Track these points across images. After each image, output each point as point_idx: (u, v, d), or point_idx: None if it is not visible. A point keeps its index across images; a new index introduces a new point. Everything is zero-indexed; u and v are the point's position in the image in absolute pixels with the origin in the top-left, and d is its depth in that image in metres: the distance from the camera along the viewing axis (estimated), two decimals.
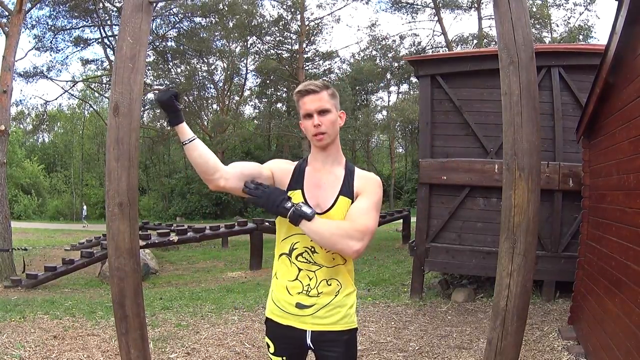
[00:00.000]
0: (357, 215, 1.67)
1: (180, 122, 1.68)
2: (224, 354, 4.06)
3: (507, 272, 1.87)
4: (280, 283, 1.78)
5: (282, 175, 1.78)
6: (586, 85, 4.69)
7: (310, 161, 1.82)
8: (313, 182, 1.77)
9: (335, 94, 1.79)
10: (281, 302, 1.76)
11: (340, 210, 1.72)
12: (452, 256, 6.11)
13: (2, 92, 9.56)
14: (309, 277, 1.72)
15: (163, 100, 1.65)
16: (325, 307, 1.72)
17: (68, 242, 15.69)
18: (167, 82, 27.73)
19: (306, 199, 1.73)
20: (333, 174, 1.78)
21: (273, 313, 1.81)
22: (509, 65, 1.85)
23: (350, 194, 1.74)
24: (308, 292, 1.72)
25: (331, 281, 1.73)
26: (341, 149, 1.85)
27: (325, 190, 1.75)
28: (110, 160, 1.96)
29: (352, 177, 1.78)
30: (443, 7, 24.69)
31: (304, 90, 1.73)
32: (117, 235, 1.97)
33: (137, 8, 2.00)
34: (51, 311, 5.48)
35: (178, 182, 31.09)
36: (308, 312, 1.72)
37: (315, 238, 1.63)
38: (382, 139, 37.29)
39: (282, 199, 1.63)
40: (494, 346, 1.91)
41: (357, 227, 1.63)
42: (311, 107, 1.71)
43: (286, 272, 1.76)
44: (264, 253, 11.15)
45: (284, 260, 1.77)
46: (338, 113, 1.78)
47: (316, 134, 1.72)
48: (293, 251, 1.74)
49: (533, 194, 1.84)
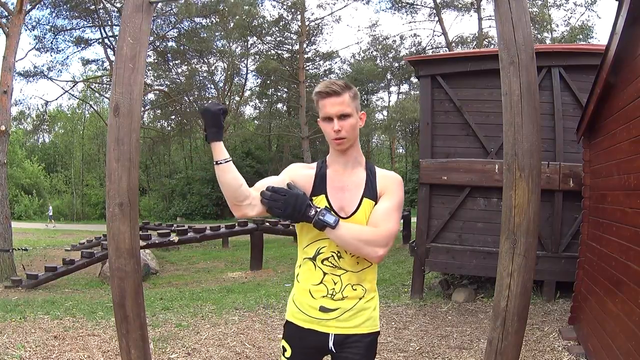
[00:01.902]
0: (380, 220, 1.66)
1: (219, 140, 1.61)
2: (224, 354, 4.06)
3: (508, 273, 1.87)
4: (302, 287, 1.75)
5: (303, 183, 1.73)
6: (586, 86, 4.69)
7: (331, 163, 1.78)
8: (336, 185, 1.73)
9: (357, 94, 1.73)
10: (304, 306, 1.74)
11: (364, 213, 1.70)
12: (453, 256, 6.11)
13: (3, 92, 9.57)
14: (333, 281, 1.70)
15: (211, 112, 1.58)
16: (349, 311, 1.70)
17: (68, 242, 15.70)
18: (168, 83, 27.76)
19: (330, 203, 1.70)
20: (355, 176, 1.75)
21: (294, 316, 1.77)
22: (510, 65, 1.85)
23: (373, 196, 1.72)
24: (332, 296, 1.70)
25: (356, 286, 1.71)
26: (360, 149, 1.80)
27: (349, 193, 1.72)
28: (111, 160, 1.96)
29: (374, 177, 1.75)
30: (443, 7, 24.68)
31: (325, 91, 1.66)
32: (117, 236, 1.97)
33: (137, 8, 1.99)
34: (52, 311, 5.49)
35: (178, 183, 31.10)
36: (332, 316, 1.70)
37: (340, 244, 1.63)
38: (383, 139, 37.30)
39: (304, 206, 1.58)
40: (494, 346, 1.91)
41: (381, 232, 1.63)
42: (331, 110, 1.65)
43: (310, 276, 1.73)
44: (265, 253, 11.16)
45: (308, 265, 1.74)
46: (359, 115, 1.73)
47: (336, 139, 1.67)
48: (318, 255, 1.71)
49: (533, 194, 1.84)
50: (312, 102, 9.74)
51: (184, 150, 34.83)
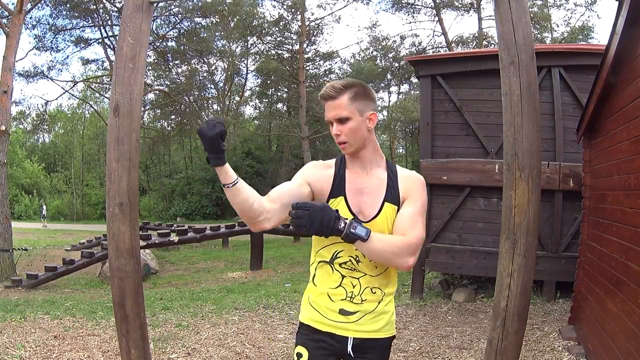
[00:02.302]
0: (408, 227, 1.59)
1: (222, 165, 1.45)
2: (224, 354, 4.06)
3: (508, 273, 1.87)
4: (319, 290, 1.69)
5: (321, 185, 1.65)
6: (587, 86, 4.69)
7: (349, 164, 1.70)
8: (355, 187, 1.65)
9: (360, 93, 1.60)
10: (322, 309, 1.67)
11: (386, 218, 1.63)
12: (453, 256, 6.11)
13: (3, 92, 9.57)
14: (352, 284, 1.64)
15: (207, 137, 1.40)
16: (369, 314, 1.66)
17: (68, 242, 15.70)
18: (168, 83, 27.75)
19: (349, 205, 1.63)
20: (375, 177, 1.67)
21: (312, 319, 1.69)
22: (510, 65, 1.85)
23: (396, 200, 1.65)
24: (352, 299, 1.65)
25: (375, 289, 1.66)
26: (379, 148, 1.72)
27: (369, 197, 1.64)
28: (111, 160, 1.96)
29: (395, 179, 1.67)
30: (443, 7, 24.68)
31: (322, 95, 1.61)
32: (117, 236, 1.97)
33: (137, 8, 2.00)
34: (52, 311, 5.49)
35: (179, 183, 31.09)
36: (352, 319, 1.65)
37: (370, 256, 1.57)
38: (383, 139, 37.30)
39: (332, 220, 1.45)
40: (494, 346, 1.91)
41: (410, 240, 1.56)
42: (329, 115, 1.61)
43: (327, 279, 1.67)
44: (265, 253, 11.16)
45: (325, 267, 1.68)
46: (366, 115, 1.62)
47: (339, 143, 1.62)
48: (336, 259, 1.65)
49: (533, 194, 1.84)
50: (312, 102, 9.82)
51: (184, 150, 34.82)
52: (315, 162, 1.75)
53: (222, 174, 1.47)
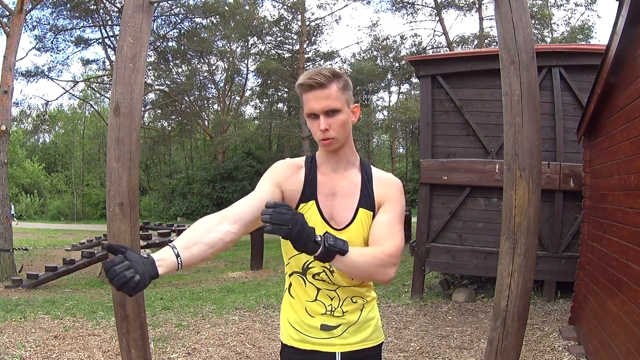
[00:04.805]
0: (386, 236, 1.44)
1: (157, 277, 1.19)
2: (224, 354, 4.06)
3: (508, 273, 1.87)
4: (297, 304, 1.55)
5: (292, 188, 1.48)
6: (587, 85, 4.69)
7: (320, 163, 1.52)
8: (327, 190, 1.49)
9: (348, 84, 1.44)
10: (302, 326, 1.53)
11: (360, 225, 1.48)
12: (453, 256, 6.11)
13: (3, 92, 9.57)
14: (329, 296, 1.50)
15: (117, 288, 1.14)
16: (353, 325, 1.52)
17: (69, 242, 15.70)
18: (168, 82, 27.76)
19: (322, 211, 1.47)
20: (348, 179, 1.51)
21: (294, 339, 1.54)
22: (510, 65, 1.85)
23: (370, 206, 1.49)
24: (332, 313, 1.51)
25: (356, 298, 1.53)
26: (354, 147, 1.55)
27: (342, 200, 1.49)
28: (111, 160, 1.97)
29: (370, 182, 1.51)
30: (444, 6, 24.68)
31: (307, 83, 1.39)
32: (117, 235, 1.97)
33: (138, 8, 2.00)
34: (52, 311, 5.49)
35: (179, 182, 31.11)
36: (336, 333, 1.51)
37: (350, 273, 1.41)
38: (384, 139, 37.30)
39: (309, 233, 1.26)
40: (494, 346, 1.91)
41: (389, 250, 1.41)
42: (316, 106, 1.39)
43: (302, 292, 1.53)
44: (265, 253, 11.15)
45: (297, 279, 1.53)
46: (351, 108, 1.46)
47: (324, 139, 1.42)
48: (308, 270, 1.50)
49: (534, 194, 1.84)
50: None
51: (184, 150, 34.83)
52: (285, 162, 1.55)
53: (168, 270, 1.22)
